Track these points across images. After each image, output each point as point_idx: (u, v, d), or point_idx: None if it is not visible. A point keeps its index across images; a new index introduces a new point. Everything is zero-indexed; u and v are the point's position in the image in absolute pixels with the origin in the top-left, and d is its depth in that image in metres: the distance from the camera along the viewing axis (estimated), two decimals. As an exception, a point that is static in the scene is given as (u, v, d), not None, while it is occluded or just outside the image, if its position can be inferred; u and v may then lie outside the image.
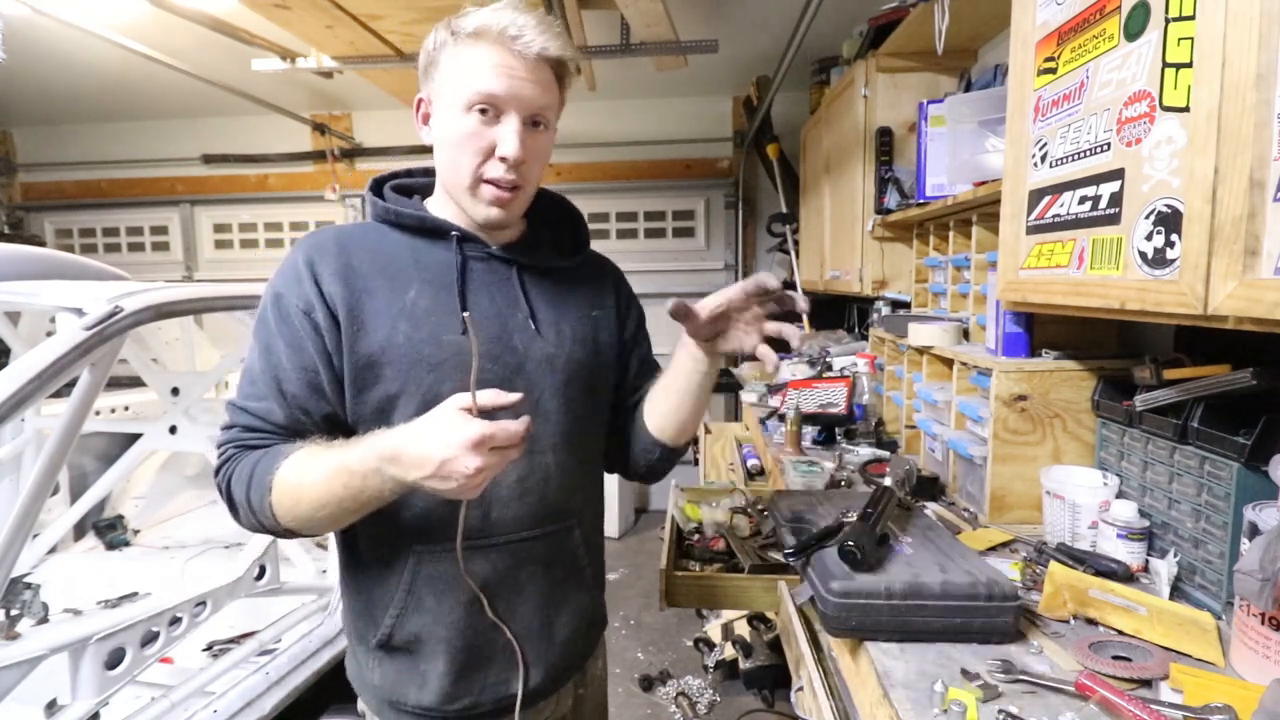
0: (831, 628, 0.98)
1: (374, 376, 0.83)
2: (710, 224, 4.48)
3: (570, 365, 0.93)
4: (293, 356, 0.82)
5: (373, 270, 0.86)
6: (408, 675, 0.89)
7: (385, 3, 2.33)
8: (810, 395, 2.26)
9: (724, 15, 3.01)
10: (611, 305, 1.03)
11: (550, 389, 0.91)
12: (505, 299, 0.91)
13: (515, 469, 0.88)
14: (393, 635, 0.88)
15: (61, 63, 3.51)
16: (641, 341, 1.08)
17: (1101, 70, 0.97)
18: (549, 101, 0.86)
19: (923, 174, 2.04)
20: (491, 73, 0.81)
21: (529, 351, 0.90)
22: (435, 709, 0.89)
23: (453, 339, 0.85)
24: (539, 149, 0.88)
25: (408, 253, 0.88)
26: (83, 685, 1.27)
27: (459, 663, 0.88)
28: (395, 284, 0.85)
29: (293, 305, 0.82)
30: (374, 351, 0.83)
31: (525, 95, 0.83)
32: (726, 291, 0.86)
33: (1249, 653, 0.86)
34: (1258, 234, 0.72)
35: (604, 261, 1.08)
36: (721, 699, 2.45)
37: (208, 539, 2.54)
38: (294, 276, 0.83)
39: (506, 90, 0.82)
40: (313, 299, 0.82)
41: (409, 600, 0.87)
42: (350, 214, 4.63)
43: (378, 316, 0.83)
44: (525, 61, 0.82)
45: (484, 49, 0.82)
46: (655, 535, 4.01)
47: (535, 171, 0.89)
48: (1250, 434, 0.97)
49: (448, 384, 0.83)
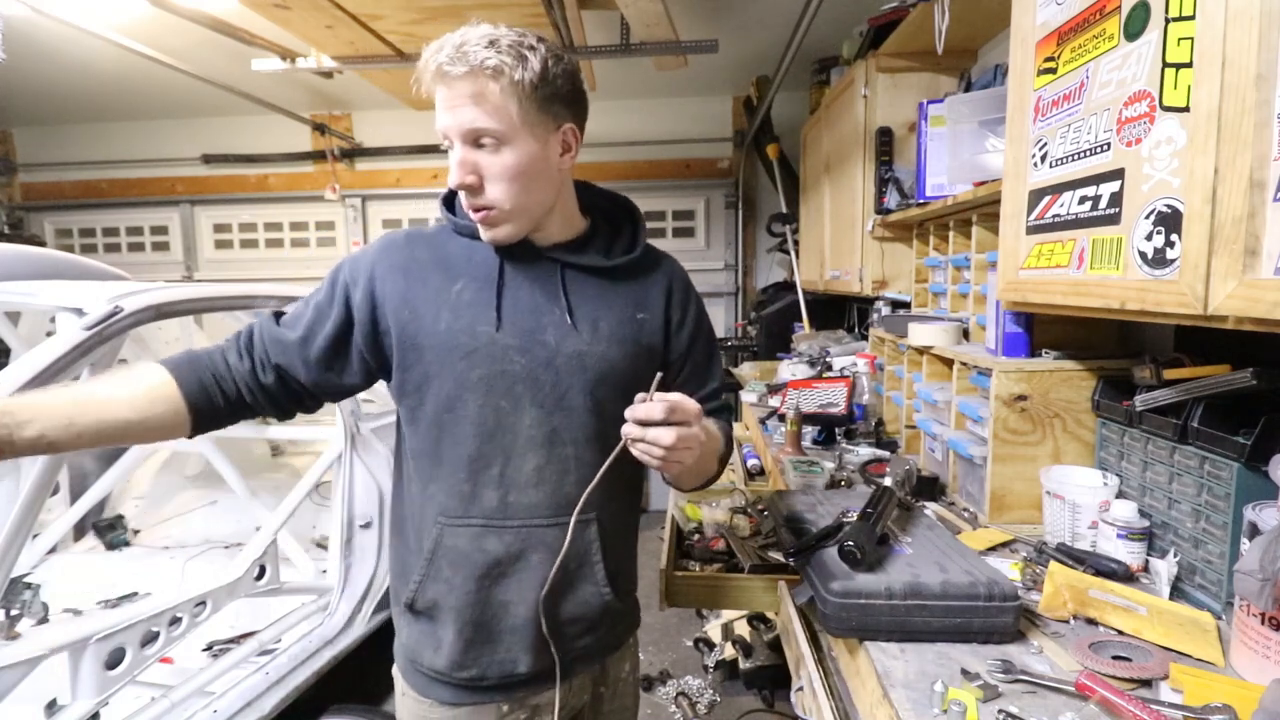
0: (831, 628, 0.98)
1: (416, 357, 0.91)
2: (710, 224, 4.48)
3: (602, 364, 0.93)
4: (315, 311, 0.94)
5: (430, 264, 0.94)
6: (427, 638, 0.96)
7: (385, 3, 2.33)
8: (810, 395, 2.26)
9: (724, 15, 3.01)
10: (659, 310, 1.01)
11: (579, 385, 0.93)
12: (545, 294, 0.94)
13: (535, 457, 0.92)
14: (416, 599, 0.95)
15: (61, 63, 3.50)
16: (694, 351, 1.05)
17: (1101, 70, 0.97)
18: (477, 116, 0.83)
19: (923, 174, 2.04)
20: (440, 107, 0.85)
21: (561, 346, 0.92)
22: (446, 674, 0.95)
23: (486, 330, 0.90)
24: (497, 167, 0.86)
25: (463, 251, 0.95)
26: (83, 685, 1.27)
27: (466, 634, 0.93)
28: (447, 277, 0.93)
29: (343, 276, 0.94)
30: (419, 335, 0.91)
31: (455, 122, 0.84)
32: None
33: (1249, 653, 0.86)
34: (1258, 234, 0.72)
35: (662, 263, 1.05)
36: (721, 699, 2.45)
37: (208, 539, 2.54)
38: (361, 256, 0.95)
39: (447, 123, 0.85)
40: (359, 279, 0.93)
41: (430, 568, 0.94)
42: (350, 214, 4.63)
43: (426, 304, 0.91)
44: (453, 87, 0.83)
45: (433, 88, 0.84)
46: (655, 535, 4.01)
47: (505, 190, 0.87)
48: (1250, 434, 0.97)
49: (476, 371, 0.90)
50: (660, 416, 0.80)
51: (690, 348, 1.04)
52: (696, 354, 1.05)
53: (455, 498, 0.92)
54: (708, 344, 1.07)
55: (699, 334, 1.05)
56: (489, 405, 0.90)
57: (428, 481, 0.94)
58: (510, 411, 0.91)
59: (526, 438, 0.91)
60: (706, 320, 1.08)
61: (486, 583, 0.92)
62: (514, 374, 0.90)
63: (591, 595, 0.98)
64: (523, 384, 0.91)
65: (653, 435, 0.80)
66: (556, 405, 0.92)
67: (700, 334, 1.06)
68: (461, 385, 0.90)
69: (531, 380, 0.91)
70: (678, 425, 0.81)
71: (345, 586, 1.93)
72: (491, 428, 0.91)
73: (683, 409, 0.81)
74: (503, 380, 0.90)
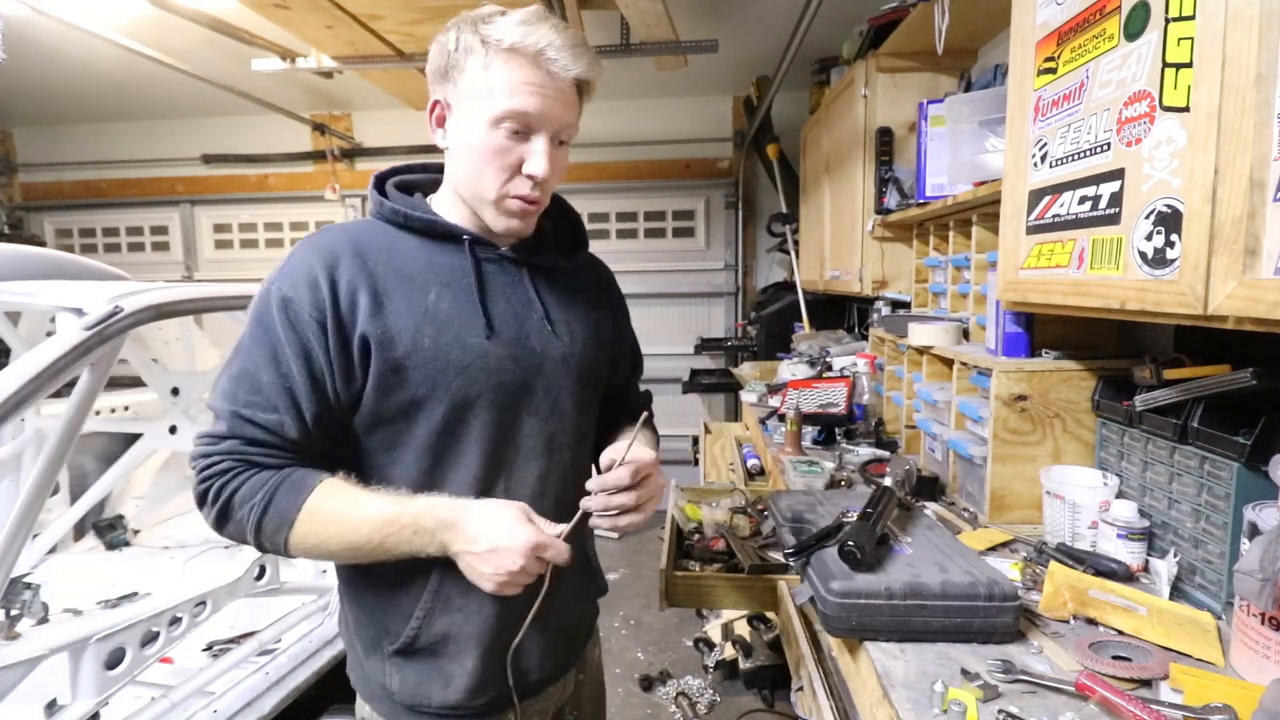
0: (831, 628, 0.98)
1: (399, 381, 0.82)
2: (710, 224, 4.48)
3: (582, 364, 0.95)
4: (304, 367, 0.79)
5: (389, 273, 0.84)
6: (431, 676, 0.88)
7: (385, 3, 2.33)
8: (810, 395, 2.26)
9: (724, 15, 3.01)
10: (608, 306, 1.05)
11: (567, 389, 0.93)
12: (520, 300, 0.91)
13: (536, 467, 0.91)
14: (417, 638, 0.87)
15: (61, 63, 3.51)
16: (628, 340, 1.11)
17: (1101, 70, 0.97)
18: (573, 120, 0.86)
19: (923, 174, 2.04)
20: (527, 91, 0.80)
21: (547, 352, 0.91)
22: (462, 705, 0.88)
23: (478, 342, 0.85)
24: (560, 165, 0.88)
25: (421, 255, 0.87)
26: (83, 685, 1.27)
27: (489, 657, 0.88)
28: (413, 287, 0.84)
29: (305, 311, 0.79)
30: (399, 356, 0.81)
31: (556, 115, 0.83)
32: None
33: (1249, 653, 0.86)
34: (1258, 234, 0.72)
35: (597, 262, 1.09)
36: (721, 699, 2.45)
37: (208, 539, 2.53)
38: (307, 281, 0.80)
39: (540, 110, 0.81)
40: (326, 306, 0.79)
41: (436, 601, 0.87)
42: (350, 214, 4.63)
43: (402, 319, 0.82)
44: (558, 82, 0.82)
45: (519, 65, 0.80)
46: (655, 535, 4.01)
47: (553, 185, 0.90)
48: (1250, 434, 0.97)
49: (475, 387, 0.84)
50: (628, 483, 0.82)
51: (627, 338, 1.09)
52: (630, 342, 1.11)
53: None
54: (631, 332, 1.12)
55: (628, 322, 1.11)
56: (490, 421, 0.86)
57: None
58: (510, 424, 0.88)
59: (526, 448, 0.89)
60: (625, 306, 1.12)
61: (504, 603, 0.87)
62: (510, 384, 0.87)
63: (585, 584, 1.02)
64: (517, 394, 0.88)
65: (618, 501, 0.82)
66: (551, 411, 0.91)
67: (628, 321, 1.11)
68: (461, 405, 0.83)
69: (525, 389, 0.88)
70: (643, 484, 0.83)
71: (345, 586, 1.93)
72: (494, 443, 0.87)
73: (645, 466, 0.84)
74: (500, 393, 0.86)
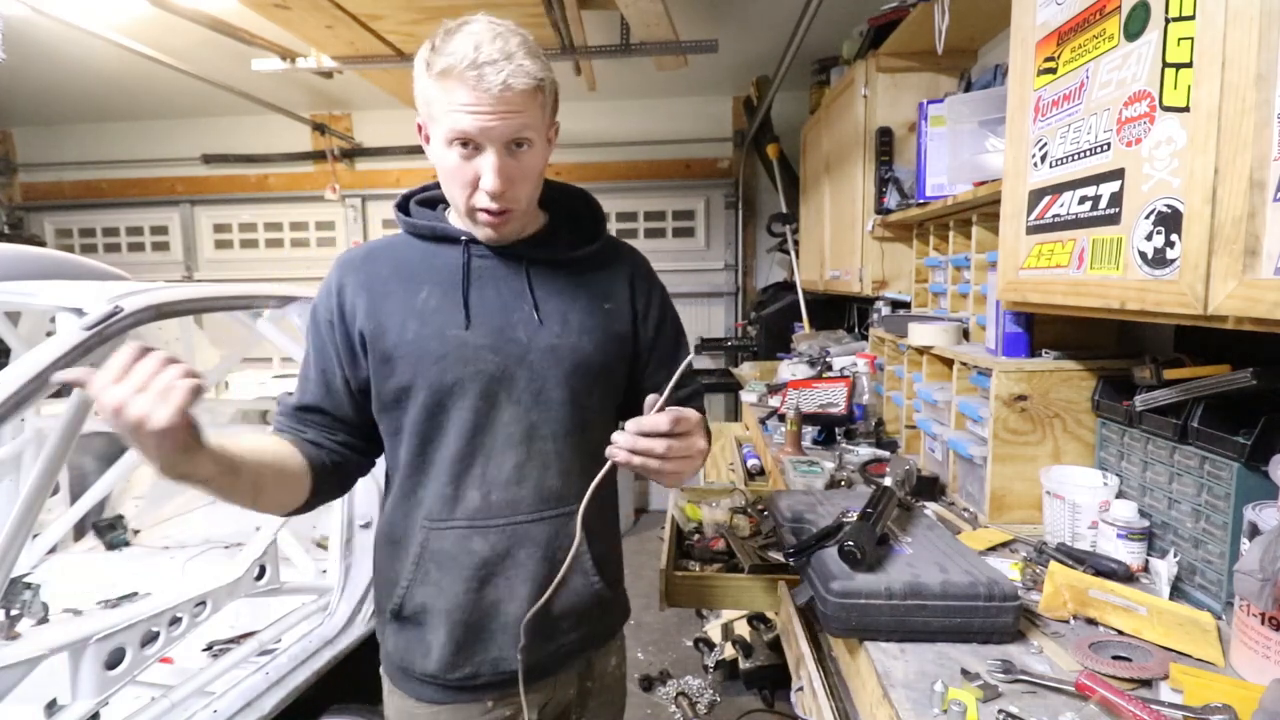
0: (831, 628, 0.98)
1: (389, 370, 0.92)
2: (710, 224, 4.48)
3: (575, 355, 0.95)
4: (324, 356, 0.96)
5: (392, 276, 0.95)
6: (415, 644, 0.96)
7: (385, 3, 2.33)
8: (810, 395, 2.26)
9: (724, 15, 3.01)
10: (625, 299, 1.03)
11: (554, 379, 0.94)
12: (511, 292, 0.95)
13: (514, 455, 0.93)
14: (404, 605, 0.95)
15: (61, 63, 3.50)
16: (662, 338, 1.07)
17: (1101, 70, 0.97)
18: (525, 123, 0.85)
19: (923, 174, 2.04)
20: (461, 111, 0.82)
21: (533, 342, 0.93)
22: (438, 676, 0.95)
23: (455, 333, 0.91)
24: (525, 168, 0.89)
25: (422, 258, 0.96)
26: (83, 685, 1.27)
27: (458, 635, 0.93)
28: (410, 286, 0.94)
29: (322, 315, 0.96)
30: (389, 348, 0.91)
31: (496, 128, 0.83)
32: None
33: (1249, 653, 0.86)
34: (1258, 234, 0.72)
35: (623, 253, 1.07)
36: (721, 699, 2.45)
37: (208, 539, 2.54)
38: (325, 291, 0.96)
39: (477, 126, 0.83)
40: (334, 311, 0.94)
41: (417, 573, 0.94)
42: (350, 214, 4.63)
43: (392, 317, 0.92)
44: (490, 96, 0.82)
45: (452, 87, 0.82)
46: (655, 535, 4.01)
47: (526, 189, 0.91)
48: (1250, 434, 0.97)
49: (450, 374, 0.90)
50: (665, 429, 0.81)
51: (658, 335, 1.06)
52: (664, 341, 1.07)
53: (439, 501, 0.93)
54: (674, 330, 1.10)
55: (665, 321, 1.07)
56: (468, 407, 0.91)
57: (413, 490, 0.95)
58: (488, 411, 0.92)
59: (505, 435, 0.93)
60: (671, 307, 1.10)
61: (475, 584, 0.93)
62: (488, 373, 0.91)
63: (582, 586, 0.98)
64: (497, 382, 0.92)
65: (645, 446, 0.81)
66: (534, 401, 0.93)
67: (666, 320, 1.08)
68: (439, 391, 0.90)
69: (506, 378, 0.92)
70: (681, 437, 0.82)
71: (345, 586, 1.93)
72: (472, 429, 0.92)
73: (686, 420, 0.83)
74: (477, 380, 0.91)
